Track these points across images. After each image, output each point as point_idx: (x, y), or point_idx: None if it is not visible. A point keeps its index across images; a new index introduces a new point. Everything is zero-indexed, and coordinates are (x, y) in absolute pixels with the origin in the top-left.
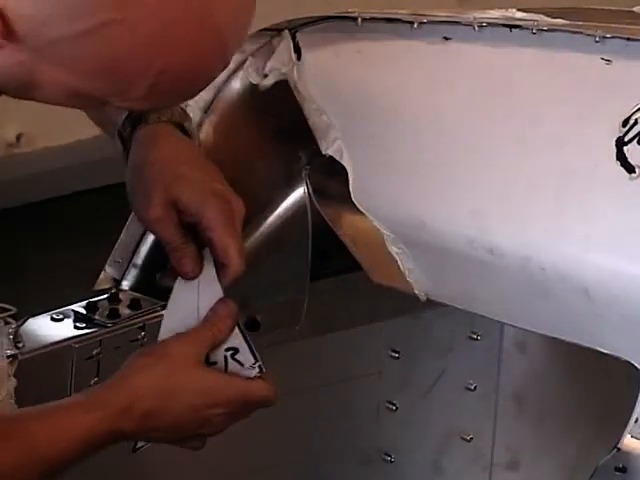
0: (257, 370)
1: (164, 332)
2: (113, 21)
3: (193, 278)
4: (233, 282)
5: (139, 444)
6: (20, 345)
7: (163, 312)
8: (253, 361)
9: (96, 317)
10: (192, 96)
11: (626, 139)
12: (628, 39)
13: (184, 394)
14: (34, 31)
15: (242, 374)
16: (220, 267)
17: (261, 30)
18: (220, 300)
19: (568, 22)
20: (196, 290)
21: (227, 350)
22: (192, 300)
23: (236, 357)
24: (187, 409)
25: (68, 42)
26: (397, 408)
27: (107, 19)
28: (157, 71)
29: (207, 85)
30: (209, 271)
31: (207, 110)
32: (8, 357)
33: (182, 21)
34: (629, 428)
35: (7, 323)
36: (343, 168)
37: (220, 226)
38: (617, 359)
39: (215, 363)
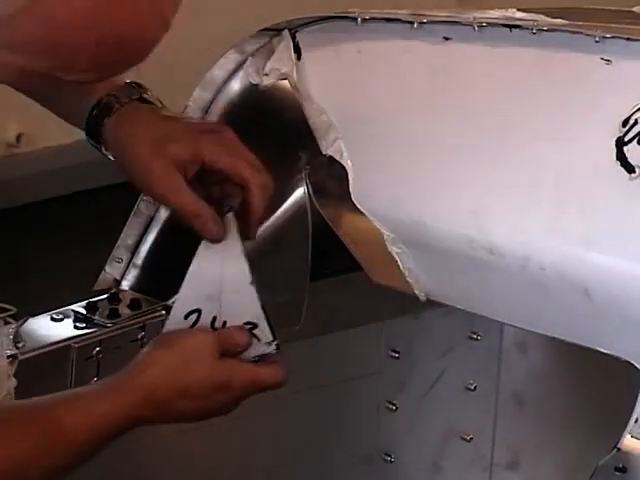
0: (274, 347)
1: (183, 299)
2: None
3: (219, 240)
4: (264, 202)
5: None
6: (20, 345)
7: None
8: (271, 338)
9: (96, 317)
10: (139, 61)
11: (626, 139)
12: (628, 39)
13: (198, 389)
14: None
15: (258, 349)
16: (245, 194)
17: (261, 30)
18: (243, 331)
19: (568, 22)
20: (219, 257)
21: (246, 324)
22: (215, 269)
23: (254, 332)
24: (200, 400)
25: (5, 23)
26: (397, 408)
27: None
28: (96, 42)
29: (152, 49)
30: (233, 238)
31: (207, 110)
32: (8, 357)
33: None
34: (629, 428)
35: (7, 323)
36: (343, 168)
37: (223, 153)
38: (617, 359)
39: None
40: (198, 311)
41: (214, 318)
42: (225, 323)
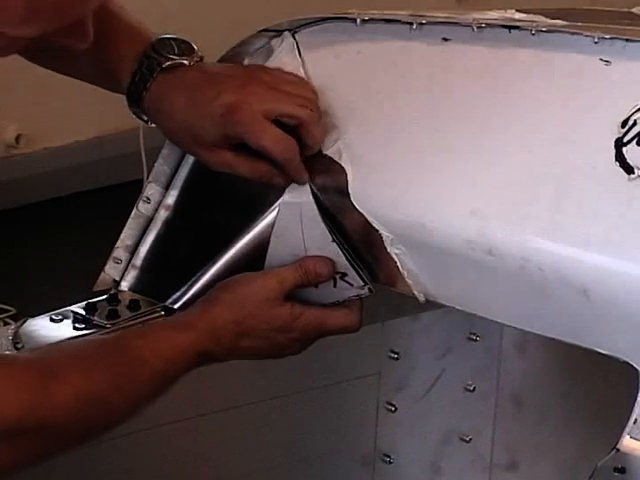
0: (366, 290)
1: (271, 256)
2: None
3: (282, 185)
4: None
5: None
6: (19, 346)
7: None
8: (362, 283)
9: (95, 318)
10: (79, 12)
11: (625, 140)
12: (627, 40)
13: (259, 330)
14: None
15: (352, 291)
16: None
17: (260, 31)
18: (322, 258)
19: (567, 23)
20: (298, 219)
21: (336, 273)
22: (296, 230)
23: (345, 279)
24: (262, 339)
25: None
26: (396, 409)
27: None
28: None
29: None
30: (307, 199)
31: None
32: None
33: None
34: (628, 429)
35: (6, 324)
36: (342, 169)
37: (246, 131)
38: (616, 360)
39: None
40: None
41: None
42: None
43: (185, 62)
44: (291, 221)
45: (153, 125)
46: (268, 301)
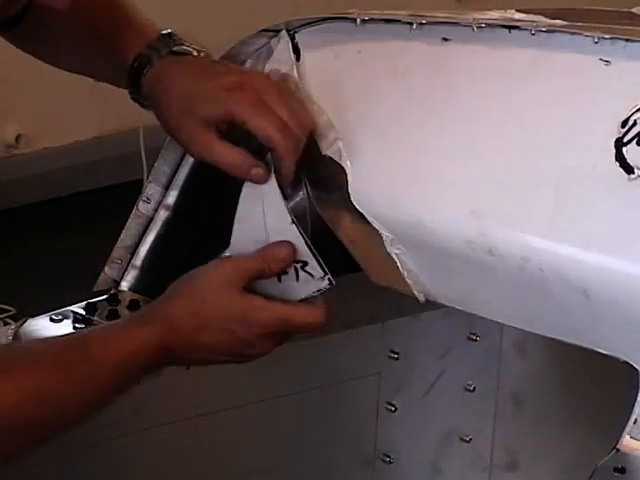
0: (327, 282)
1: (234, 245)
2: None
3: (266, 181)
4: (292, 163)
5: None
6: None
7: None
8: (323, 273)
9: (95, 318)
10: None
11: (625, 140)
12: (627, 40)
13: (216, 320)
14: None
15: (313, 285)
16: (273, 154)
17: (260, 31)
18: (282, 242)
19: (567, 23)
20: (260, 202)
21: (297, 262)
22: (258, 213)
23: (306, 269)
24: (222, 333)
25: None
26: (396, 409)
27: None
28: None
29: None
30: (270, 180)
31: None
32: None
33: None
34: (628, 429)
35: (6, 324)
36: (342, 169)
37: (252, 114)
38: (616, 360)
39: (286, 273)
40: None
41: None
42: None
43: (194, 53)
44: (253, 203)
45: (153, 119)
46: (223, 288)
